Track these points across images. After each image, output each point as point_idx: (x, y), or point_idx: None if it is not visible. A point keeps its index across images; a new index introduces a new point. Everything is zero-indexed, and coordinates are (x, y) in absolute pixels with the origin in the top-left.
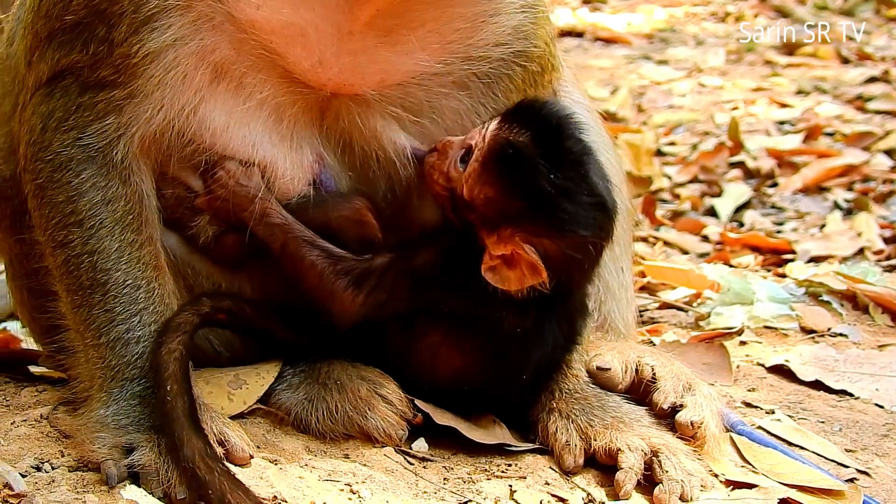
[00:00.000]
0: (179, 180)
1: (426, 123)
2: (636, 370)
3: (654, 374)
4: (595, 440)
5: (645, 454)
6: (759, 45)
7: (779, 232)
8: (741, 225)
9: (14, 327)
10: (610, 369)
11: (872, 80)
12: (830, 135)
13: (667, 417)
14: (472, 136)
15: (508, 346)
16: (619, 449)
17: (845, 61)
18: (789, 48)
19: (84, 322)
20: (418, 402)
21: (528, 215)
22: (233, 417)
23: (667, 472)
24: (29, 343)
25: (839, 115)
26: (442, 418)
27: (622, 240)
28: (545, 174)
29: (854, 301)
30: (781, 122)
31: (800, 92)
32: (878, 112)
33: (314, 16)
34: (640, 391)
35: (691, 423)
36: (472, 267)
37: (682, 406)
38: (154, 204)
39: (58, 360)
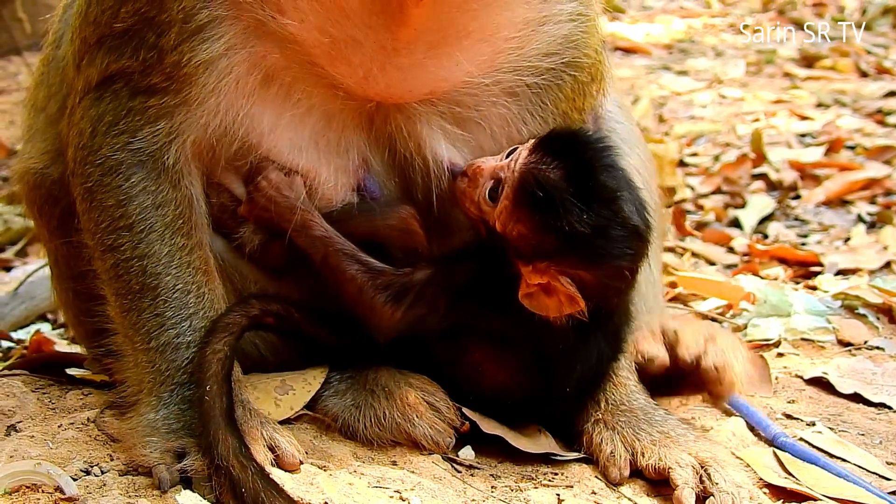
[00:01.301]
0: (224, 187)
1: (473, 129)
2: (662, 335)
3: (676, 334)
4: (643, 456)
5: (695, 469)
6: (778, 58)
7: (803, 244)
8: (765, 237)
9: (46, 329)
10: (655, 360)
11: (892, 94)
12: (851, 148)
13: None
14: (502, 166)
15: (552, 361)
16: (670, 467)
17: (864, 75)
18: (808, 61)
19: (133, 326)
20: (465, 411)
21: (563, 251)
22: (280, 423)
23: (717, 484)
24: (62, 345)
25: (859, 129)
26: (489, 427)
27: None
28: (578, 214)
29: (890, 314)
30: (802, 135)
31: (820, 105)
32: None
33: (358, 34)
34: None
35: (715, 367)
36: (510, 286)
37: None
38: (204, 208)
39: (104, 364)
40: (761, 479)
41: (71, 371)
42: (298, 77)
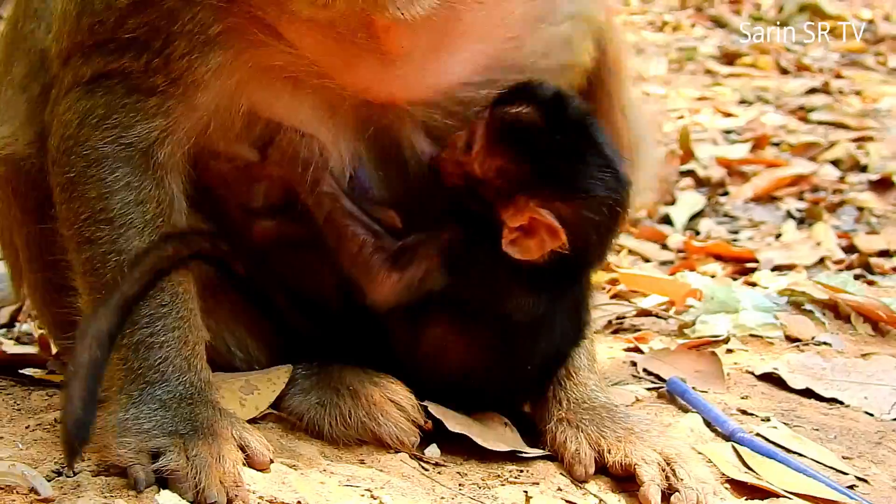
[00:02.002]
0: (233, 154)
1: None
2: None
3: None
4: (609, 454)
5: (660, 465)
6: (698, 55)
7: (735, 241)
8: (697, 233)
9: None
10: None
11: (813, 91)
12: (777, 145)
13: None
14: (474, 122)
15: (517, 335)
16: (636, 463)
17: (784, 72)
18: (729, 58)
19: None
20: (431, 408)
21: (539, 179)
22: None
23: (682, 480)
24: (8, 346)
25: (783, 126)
26: (455, 425)
27: None
28: (549, 135)
29: (835, 310)
30: (727, 132)
31: (743, 101)
32: (820, 123)
33: (352, 52)
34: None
35: None
36: (494, 250)
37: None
38: (183, 207)
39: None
40: (723, 474)
41: (27, 371)
42: (302, 78)
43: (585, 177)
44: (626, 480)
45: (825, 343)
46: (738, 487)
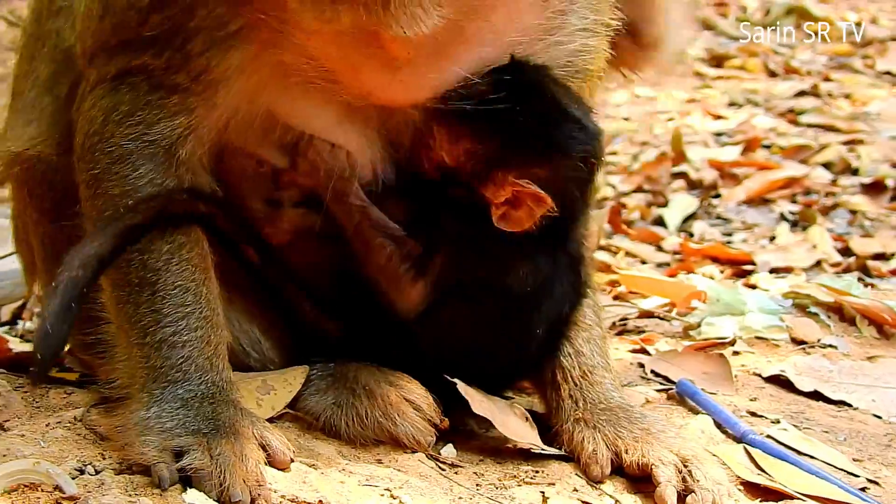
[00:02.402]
0: (263, 158)
1: None
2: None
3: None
4: (626, 454)
5: (677, 466)
6: (686, 57)
7: (729, 243)
8: (691, 235)
9: None
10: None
11: (802, 93)
12: (767, 147)
13: None
14: (430, 114)
15: (520, 305)
16: (652, 464)
17: (773, 74)
18: (717, 60)
19: (129, 319)
20: (459, 387)
21: (509, 150)
22: None
23: (697, 481)
24: (14, 343)
25: (773, 128)
26: (479, 407)
27: None
28: (506, 103)
29: (840, 313)
30: (718, 134)
31: (732, 104)
32: (810, 125)
33: (359, 59)
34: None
35: None
36: (489, 228)
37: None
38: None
39: (92, 353)
40: (737, 476)
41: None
42: (317, 82)
43: (554, 137)
44: (641, 481)
45: (831, 346)
46: (752, 489)
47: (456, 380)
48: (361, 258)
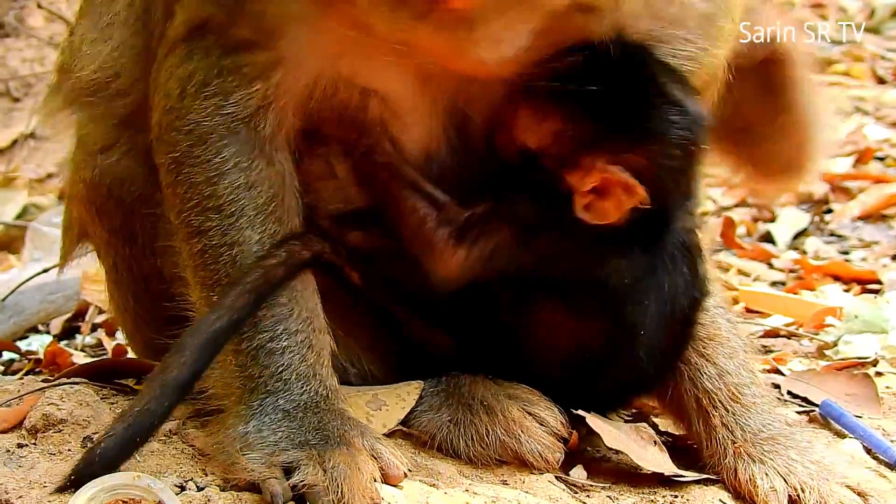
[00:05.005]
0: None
1: None
2: None
3: None
4: (804, 493)
5: None
6: None
7: (847, 261)
8: (804, 253)
9: (44, 341)
10: None
11: None
12: (881, 159)
13: None
14: (515, 92)
15: (622, 301)
16: None
17: (881, 81)
18: (819, 66)
19: None
20: (589, 420)
21: (602, 133)
22: None
23: None
24: (78, 357)
25: (886, 139)
26: (612, 440)
27: None
28: (602, 82)
29: None
30: None
31: (839, 112)
32: None
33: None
34: None
35: None
36: (569, 218)
37: None
38: (296, 186)
39: None
40: None
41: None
42: (382, 44)
43: (652, 120)
44: None
45: None
46: None
47: (584, 412)
48: (394, 221)
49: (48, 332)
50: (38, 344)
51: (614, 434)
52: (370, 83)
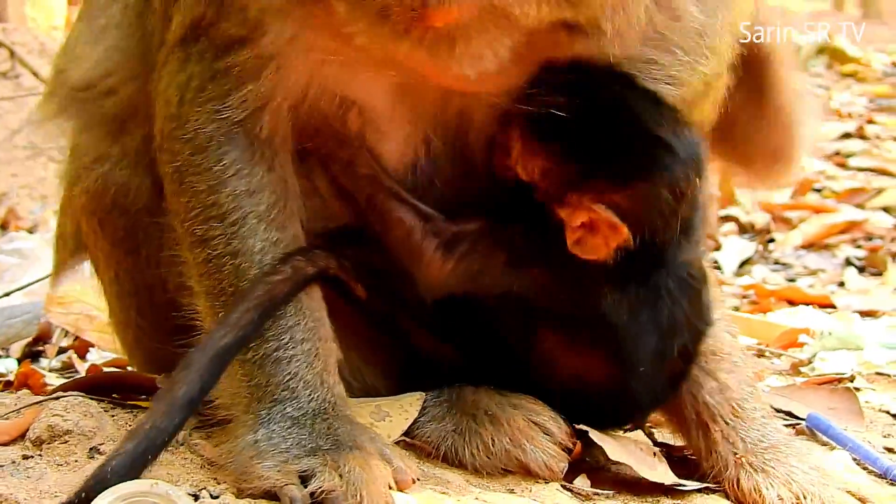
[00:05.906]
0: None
1: None
2: None
3: None
4: (805, 499)
5: None
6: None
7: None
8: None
9: (9, 365)
10: None
11: (847, 135)
12: (818, 190)
13: None
14: (508, 124)
15: (622, 335)
16: None
17: None
18: None
19: None
20: (592, 434)
21: (585, 172)
22: None
23: None
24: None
25: (822, 171)
26: (615, 452)
27: None
28: (584, 123)
29: None
30: None
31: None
32: (860, 169)
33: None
34: None
35: None
36: (559, 245)
37: None
38: (297, 191)
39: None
40: None
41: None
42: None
43: (635, 160)
44: None
45: None
46: None
47: (582, 426)
48: (380, 235)
49: (8, 357)
50: (2, 367)
51: (616, 446)
52: (350, 93)
